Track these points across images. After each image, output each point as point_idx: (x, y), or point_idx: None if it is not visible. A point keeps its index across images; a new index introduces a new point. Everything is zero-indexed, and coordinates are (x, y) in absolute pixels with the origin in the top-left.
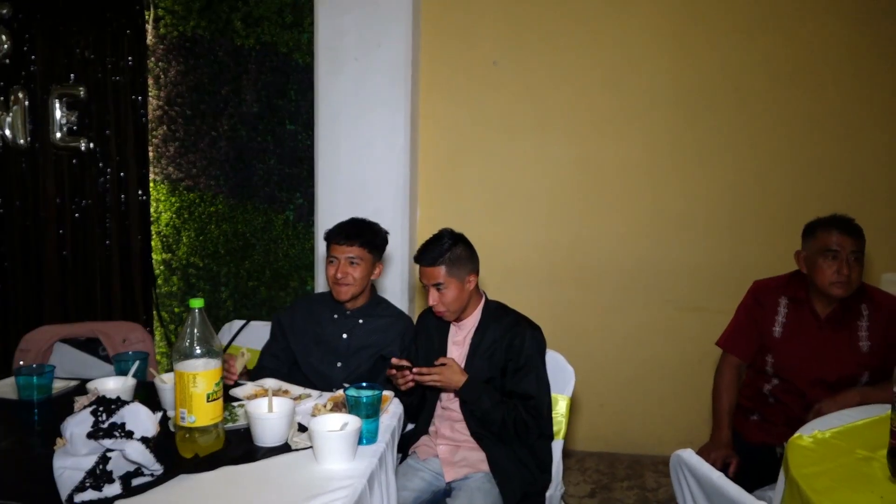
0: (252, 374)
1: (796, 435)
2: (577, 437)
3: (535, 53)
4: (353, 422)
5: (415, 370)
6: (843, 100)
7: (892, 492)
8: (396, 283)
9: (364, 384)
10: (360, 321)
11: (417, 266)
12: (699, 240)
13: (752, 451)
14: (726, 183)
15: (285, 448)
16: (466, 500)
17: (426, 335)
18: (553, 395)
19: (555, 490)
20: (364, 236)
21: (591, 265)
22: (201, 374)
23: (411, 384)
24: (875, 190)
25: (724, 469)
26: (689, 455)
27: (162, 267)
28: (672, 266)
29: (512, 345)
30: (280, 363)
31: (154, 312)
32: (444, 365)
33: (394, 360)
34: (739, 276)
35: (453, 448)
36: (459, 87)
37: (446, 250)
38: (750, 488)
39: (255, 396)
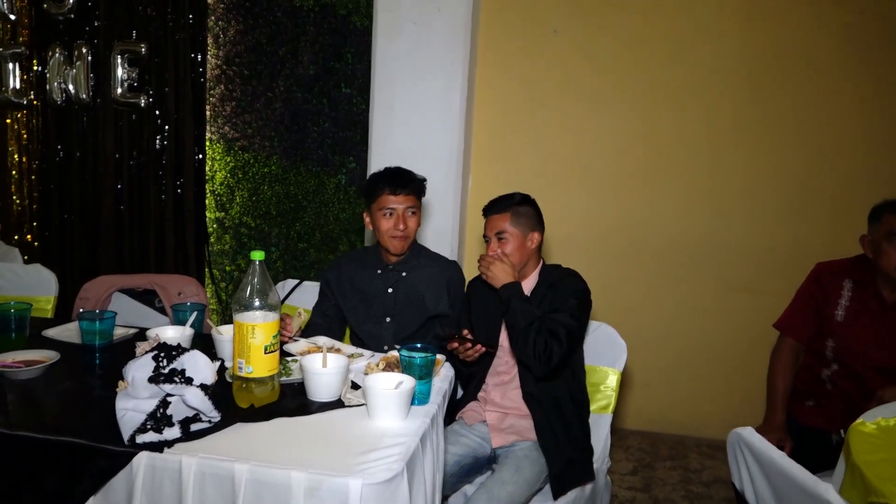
0: (304, 333)
1: (858, 421)
2: (620, 415)
3: (595, 23)
4: (407, 381)
5: (460, 350)
6: None
7: None
8: (446, 250)
9: (418, 345)
10: (404, 274)
11: (467, 236)
12: (758, 220)
13: (805, 435)
14: (791, 161)
15: (339, 404)
16: (514, 466)
17: (481, 300)
18: (604, 368)
19: (601, 464)
20: (415, 184)
21: (644, 240)
22: (260, 325)
23: (473, 355)
24: None
25: None
26: (749, 433)
27: (215, 225)
28: (727, 245)
29: (555, 290)
30: (331, 321)
31: (206, 270)
32: (495, 259)
33: (465, 333)
34: (798, 258)
35: (502, 415)
36: (517, 55)
37: (516, 203)
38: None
39: (309, 353)
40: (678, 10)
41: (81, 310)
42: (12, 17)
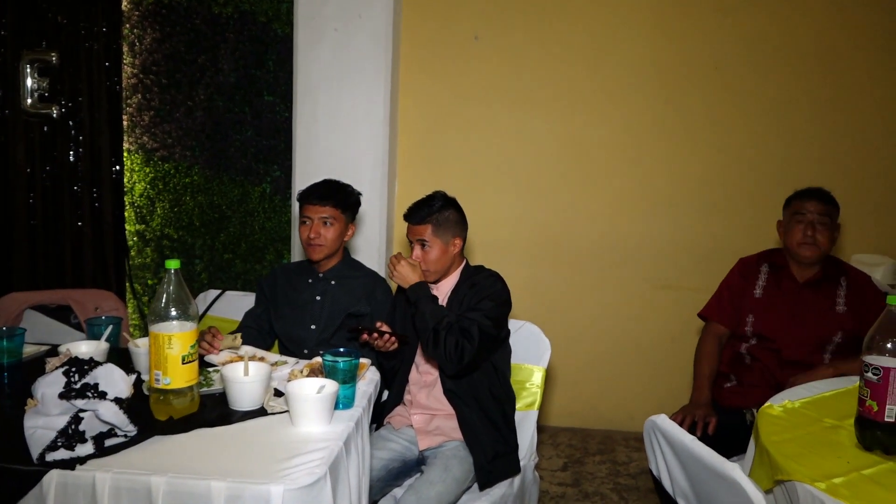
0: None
1: (767, 405)
2: (551, 413)
3: (516, 29)
4: (329, 385)
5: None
6: (824, 78)
7: (857, 457)
8: (374, 257)
9: (341, 350)
10: (333, 282)
11: (394, 243)
12: (677, 219)
13: (726, 416)
14: (707, 162)
15: (261, 412)
16: (442, 466)
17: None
18: (529, 366)
19: (528, 460)
20: (337, 196)
21: (570, 242)
22: (177, 335)
23: (393, 346)
24: (851, 174)
25: (703, 428)
26: (662, 420)
27: (135, 238)
28: (649, 244)
29: (472, 289)
30: (261, 322)
31: (127, 284)
32: (401, 260)
33: (378, 325)
34: (717, 254)
35: (428, 417)
36: (440, 61)
37: (436, 210)
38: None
39: (231, 362)
40: (596, 17)
41: None
42: None
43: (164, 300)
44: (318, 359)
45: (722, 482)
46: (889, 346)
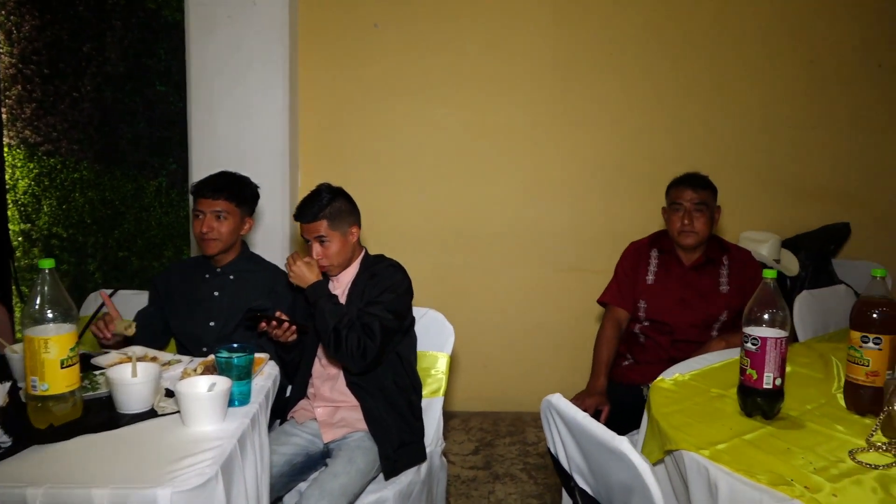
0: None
1: (658, 379)
2: (461, 398)
3: (416, 17)
4: (221, 382)
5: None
6: (710, 66)
7: (740, 423)
8: (277, 251)
9: (235, 345)
10: (232, 277)
11: (298, 236)
12: (577, 203)
13: (625, 393)
14: (603, 147)
15: (151, 414)
16: (346, 458)
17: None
18: (433, 353)
19: (434, 446)
20: (231, 189)
21: (476, 228)
22: (53, 338)
23: (292, 336)
24: (737, 154)
25: (596, 415)
26: (557, 399)
27: (20, 238)
28: (552, 229)
29: (372, 280)
30: (154, 321)
31: (13, 287)
32: (298, 261)
33: (278, 314)
34: (617, 236)
35: (332, 409)
36: (340, 49)
37: (326, 204)
38: (623, 431)
39: (118, 364)
40: (496, 5)
41: None
42: None
43: (37, 302)
44: (213, 356)
45: (612, 456)
46: (766, 317)
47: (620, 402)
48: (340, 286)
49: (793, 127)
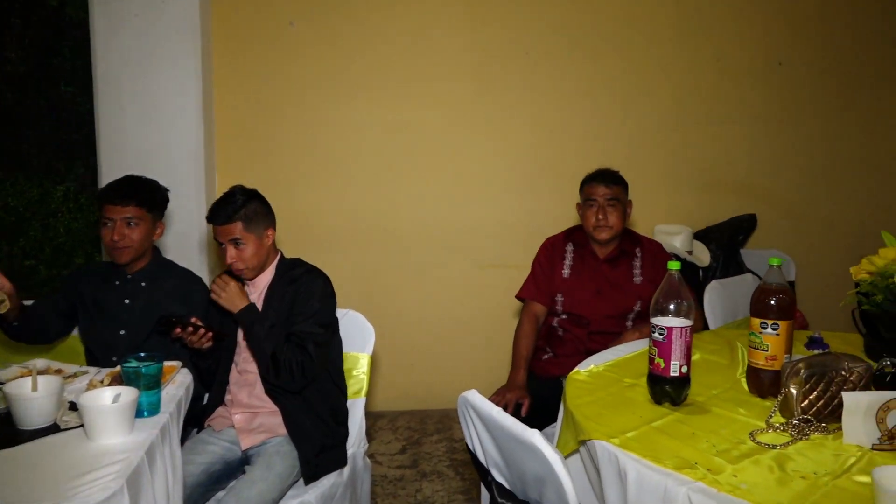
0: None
1: (574, 371)
2: (388, 398)
3: (333, 15)
4: (126, 393)
5: (185, 335)
6: (624, 63)
7: (649, 411)
8: (194, 256)
9: (143, 354)
10: (143, 284)
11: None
12: (498, 200)
13: (546, 386)
14: (522, 144)
15: (53, 429)
16: (264, 464)
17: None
18: (354, 354)
19: (357, 448)
20: (141, 194)
21: (397, 227)
22: None
23: (208, 343)
24: (650, 150)
25: (517, 409)
26: (472, 395)
27: None
28: (473, 226)
29: (297, 291)
30: (47, 312)
31: None
32: (228, 283)
33: (193, 320)
34: (537, 232)
35: (251, 415)
36: (255, 48)
37: (241, 206)
38: (545, 423)
39: (18, 378)
40: (410, 6)
41: None
42: None
43: None
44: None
45: (525, 449)
46: (671, 307)
47: (541, 396)
48: (256, 291)
49: (702, 123)
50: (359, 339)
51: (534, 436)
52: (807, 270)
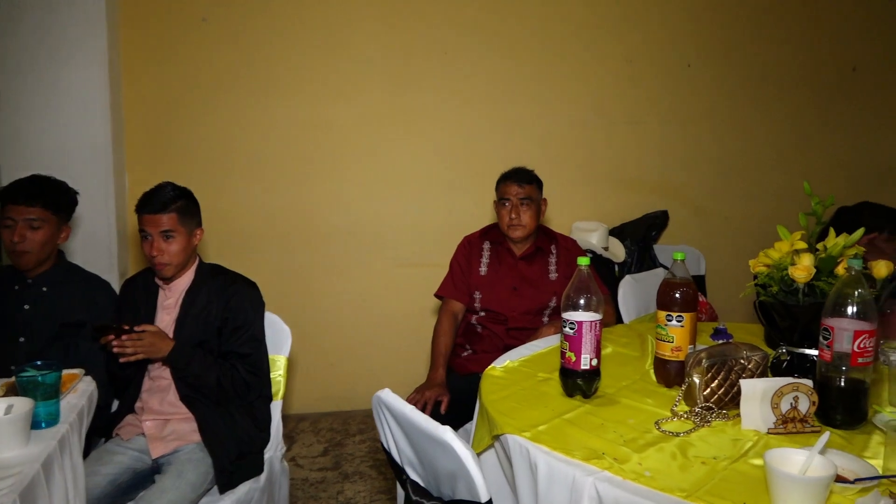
0: None
1: (490, 367)
2: (310, 400)
3: (247, 10)
4: (20, 404)
5: (115, 343)
6: (538, 63)
7: (561, 404)
8: (104, 259)
9: (38, 363)
10: (45, 289)
11: (128, 242)
12: (417, 198)
13: (465, 383)
14: (441, 143)
15: None
16: (176, 472)
17: (131, 304)
18: (271, 355)
19: (274, 451)
20: (48, 196)
21: (316, 227)
22: None
23: (132, 349)
24: (567, 149)
25: (437, 406)
26: (386, 394)
27: None
28: (393, 224)
29: (228, 304)
30: None
31: None
32: (144, 332)
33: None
34: (455, 230)
35: (162, 422)
36: (167, 44)
37: (176, 198)
38: (465, 420)
39: None
40: (332, 2)
41: None
42: None
43: None
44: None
45: (437, 446)
46: (582, 302)
47: (461, 392)
48: (173, 295)
49: (616, 122)
50: (276, 341)
51: (445, 433)
52: (715, 264)
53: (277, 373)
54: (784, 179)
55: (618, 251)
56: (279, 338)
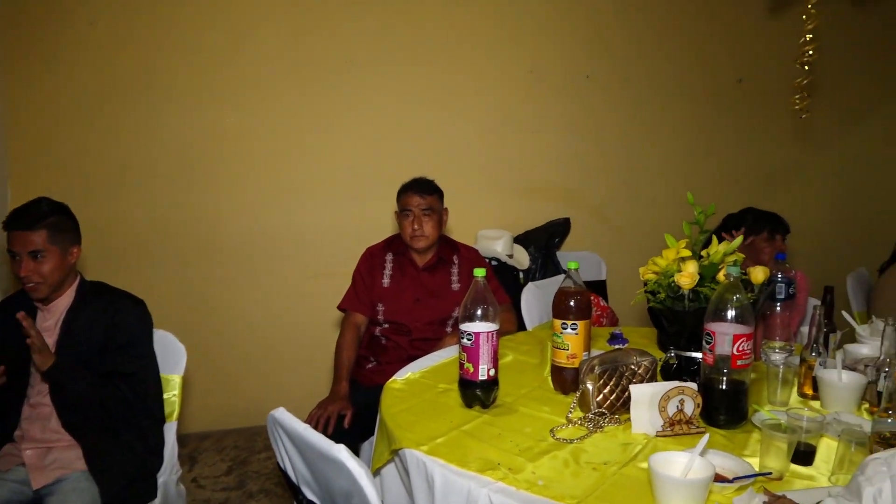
0: None
1: (391, 380)
2: (216, 417)
3: (136, 15)
4: None
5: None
6: (443, 74)
7: (461, 415)
8: None
9: None
10: None
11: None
12: (326, 207)
13: (370, 395)
14: (349, 151)
15: None
16: (58, 503)
17: (7, 326)
18: (165, 375)
19: (169, 475)
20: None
21: (219, 238)
22: None
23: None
24: (471, 157)
25: (340, 420)
26: (280, 414)
27: None
28: (300, 234)
29: (113, 322)
30: None
31: None
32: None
33: None
34: (365, 239)
35: (44, 451)
36: (52, 48)
37: (47, 214)
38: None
39: None
40: (228, 5)
41: None
42: None
43: None
44: None
45: (331, 464)
46: (479, 313)
47: (366, 405)
48: (53, 316)
49: (519, 131)
50: (169, 360)
51: (340, 451)
52: (616, 269)
53: (172, 393)
54: (678, 186)
55: (522, 258)
56: (173, 356)
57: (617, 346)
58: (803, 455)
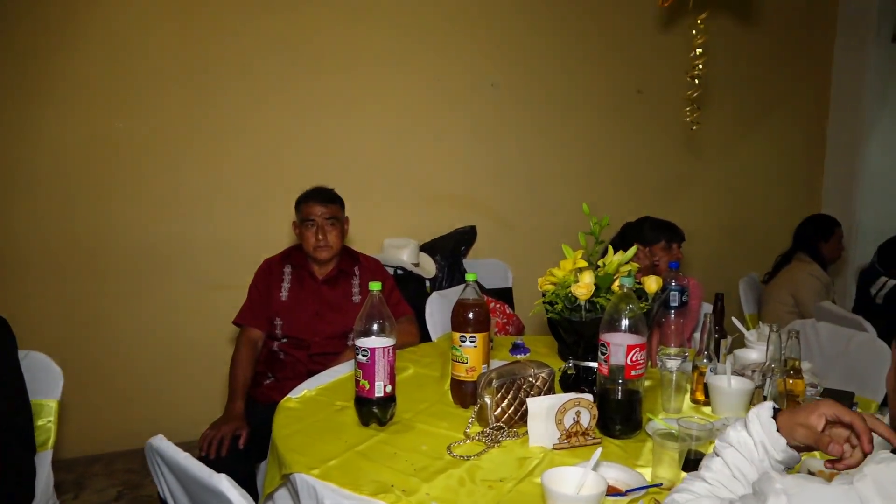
0: None
1: (285, 398)
2: (106, 439)
3: (12, 13)
4: None
5: None
6: (345, 82)
7: (356, 434)
8: None
9: None
10: None
11: None
12: (219, 218)
13: (268, 413)
14: (243, 159)
15: None
16: None
17: None
18: (38, 400)
19: None
20: None
21: (108, 249)
22: None
23: None
24: (374, 166)
25: (234, 441)
26: (159, 441)
27: None
28: (194, 245)
29: None
30: None
31: None
32: None
33: None
34: (263, 250)
35: None
36: None
37: None
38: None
39: None
40: (117, 7)
41: None
42: None
43: None
44: None
45: (212, 494)
46: (374, 328)
47: (263, 424)
48: None
49: (424, 138)
50: (44, 384)
51: (220, 481)
52: (523, 276)
53: (47, 419)
54: (580, 194)
55: (428, 267)
56: (47, 380)
57: (518, 357)
58: (694, 463)
